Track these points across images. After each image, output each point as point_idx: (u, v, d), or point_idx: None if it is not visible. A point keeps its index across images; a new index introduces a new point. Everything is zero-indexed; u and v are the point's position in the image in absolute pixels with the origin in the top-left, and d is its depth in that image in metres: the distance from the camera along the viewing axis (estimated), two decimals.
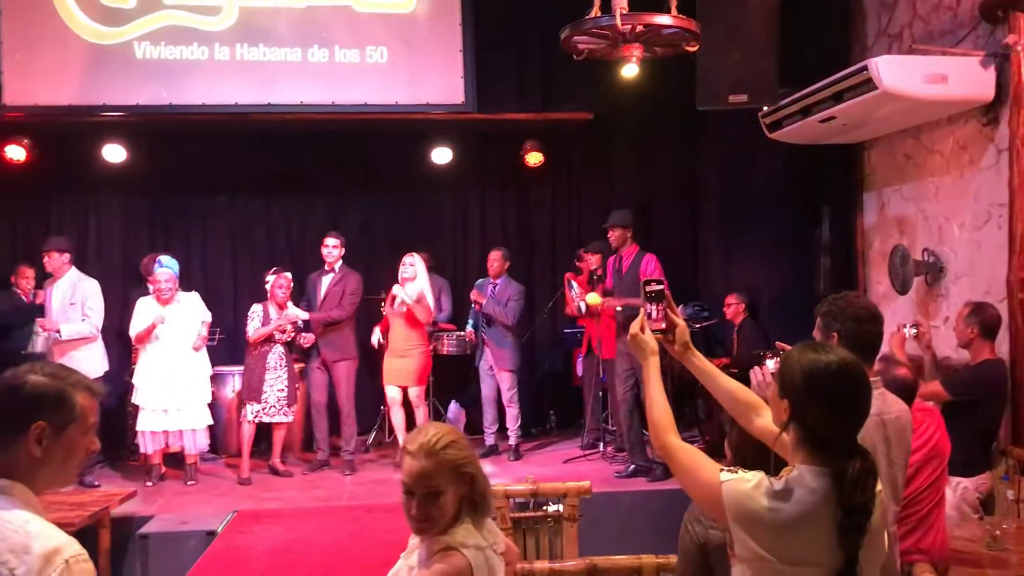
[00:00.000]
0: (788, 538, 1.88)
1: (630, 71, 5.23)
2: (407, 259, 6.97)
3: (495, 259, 7.28)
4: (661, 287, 2.29)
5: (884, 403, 2.72)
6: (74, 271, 6.73)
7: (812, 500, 1.87)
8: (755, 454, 2.22)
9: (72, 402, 1.84)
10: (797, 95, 5.63)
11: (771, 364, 3.58)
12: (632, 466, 6.45)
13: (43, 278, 7.10)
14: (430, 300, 7.00)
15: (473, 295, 7.25)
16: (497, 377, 7.18)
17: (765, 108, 6.00)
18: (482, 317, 7.20)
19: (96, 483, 6.28)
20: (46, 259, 6.67)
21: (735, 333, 7.29)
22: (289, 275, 7.00)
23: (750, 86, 5.84)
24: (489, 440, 7.28)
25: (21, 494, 1.78)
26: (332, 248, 7.00)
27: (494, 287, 7.23)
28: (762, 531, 1.89)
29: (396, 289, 6.93)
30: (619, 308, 6.46)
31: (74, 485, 5.10)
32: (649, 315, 2.28)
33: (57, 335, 6.45)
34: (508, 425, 7.24)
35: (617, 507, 5.80)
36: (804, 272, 7.02)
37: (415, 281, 6.91)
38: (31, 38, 6.92)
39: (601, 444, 7.08)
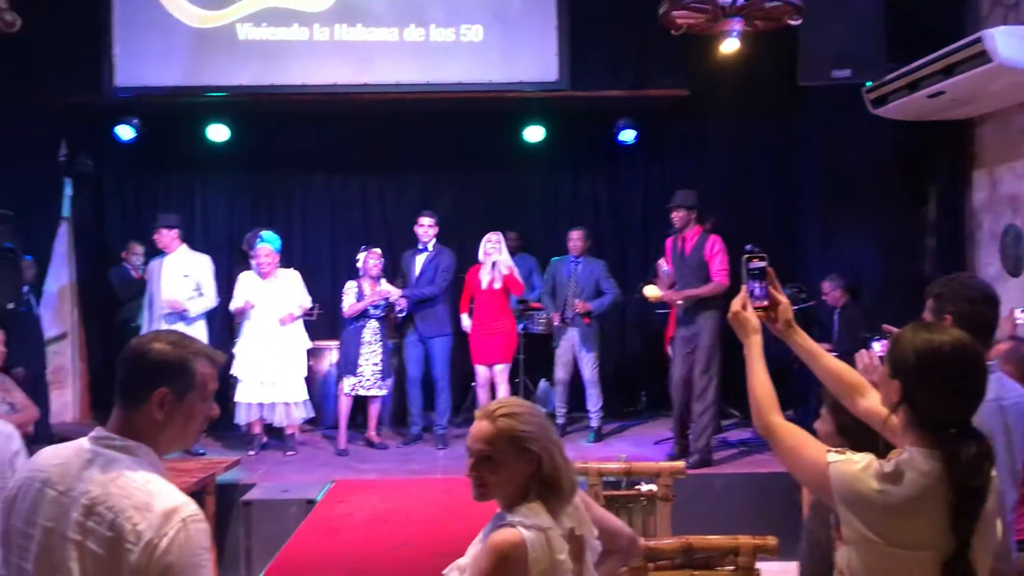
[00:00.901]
0: (898, 521, 1.84)
1: (729, 46, 5.14)
2: (493, 236, 7.01)
3: (577, 237, 7.24)
4: (764, 264, 2.24)
5: (1001, 388, 2.62)
6: (184, 247, 6.98)
7: (923, 483, 1.83)
8: (864, 437, 2.17)
9: (192, 370, 1.92)
10: (904, 69, 5.43)
11: (877, 347, 3.50)
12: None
13: (152, 255, 7.40)
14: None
15: (579, 308, 7.05)
16: (580, 358, 7.15)
17: (869, 83, 5.81)
18: (571, 297, 7.15)
19: (202, 451, 6.54)
20: (156, 236, 6.94)
21: (836, 316, 7.11)
22: (379, 251, 7.12)
23: (855, 60, 5.65)
24: (560, 420, 7.23)
25: (145, 455, 1.87)
26: (427, 227, 7.09)
27: (576, 265, 7.19)
28: (871, 513, 1.85)
29: (492, 257, 6.92)
30: (680, 301, 6.33)
31: (181, 453, 5.31)
32: (751, 292, 2.23)
33: (185, 312, 6.67)
34: (589, 407, 7.22)
35: (710, 489, 5.77)
36: (908, 254, 6.79)
37: (501, 257, 6.96)
38: (140, 24, 7.15)
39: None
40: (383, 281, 7.00)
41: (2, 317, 6.04)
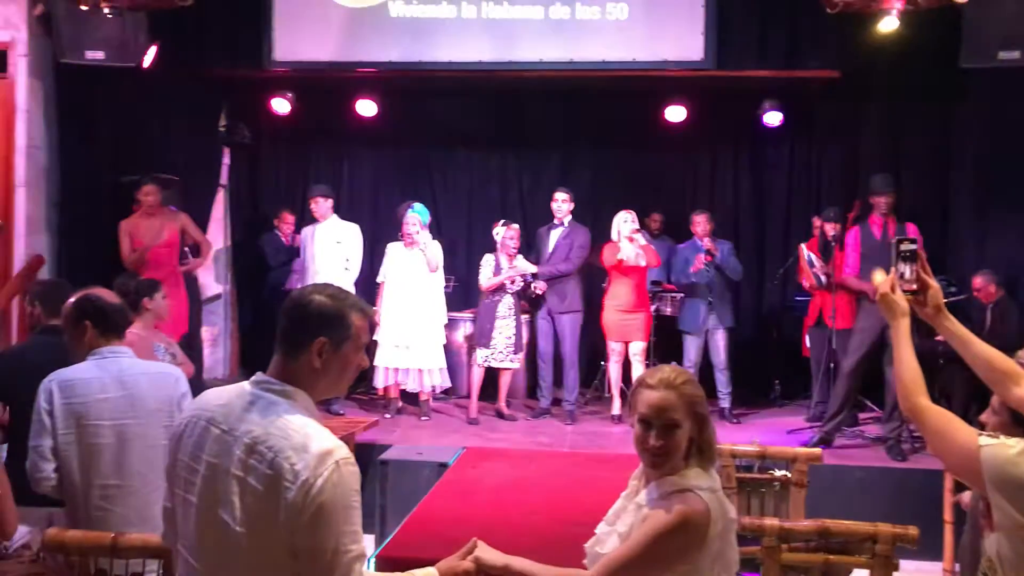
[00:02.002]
0: None
1: (888, 25, 4.94)
2: (629, 216, 6.99)
3: (703, 221, 7.14)
4: (915, 246, 2.22)
5: None
6: (335, 216, 7.28)
7: None
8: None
9: (349, 321, 2.01)
10: None
11: None
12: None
13: (303, 224, 7.74)
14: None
15: (707, 244, 7.07)
16: (715, 337, 7.07)
17: None
18: (711, 272, 7.06)
19: (341, 412, 6.84)
20: (313, 204, 7.26)
21: (989, 311, 6.77)
22: (517, 227, 7.22)
23: None
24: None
25: (303, 400, 1.98)
26: (561, 203, 7.14)
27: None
28: None
29: (629, 237, 6.92)
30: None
31: (323, 411, 5.57)
32: (901, 275, 2.21)
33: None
34: (719, 389, 7.15)
35: (845, 480, 5.63)
36: None
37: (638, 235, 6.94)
38: (297, 1, 7.44)
39: None
40: (520, 257, 7.10)
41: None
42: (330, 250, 7.08)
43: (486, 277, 7.03)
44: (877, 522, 2.76)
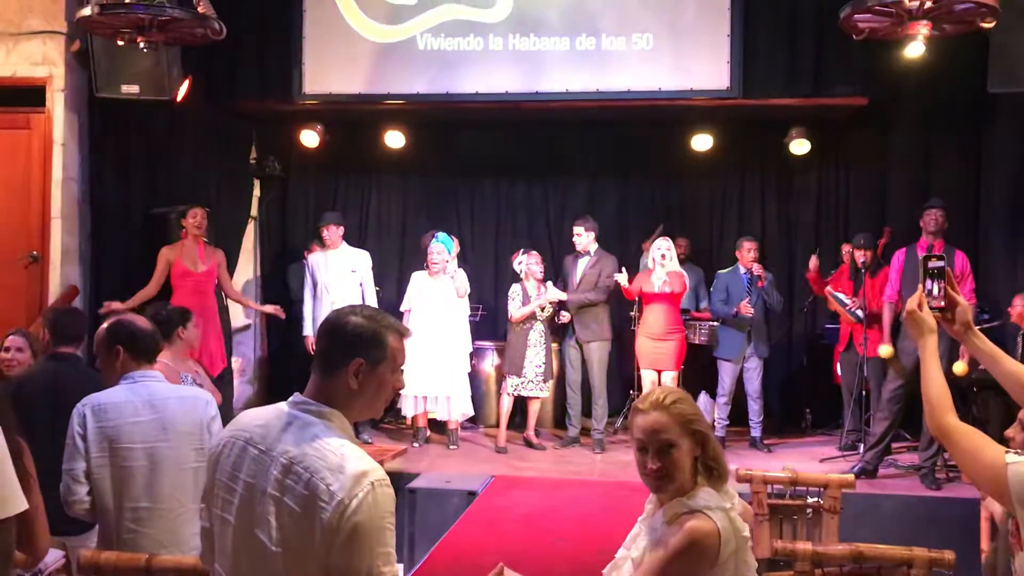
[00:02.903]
0: None
1: (914, 51, 4.92)
2: (664, 243, 6.99)
3: (752, 248, 7.13)
4: (943, 263, 2.22)
5: None
6: (344, 243, 7.37)
7: None
8: None
9: (385, 342, 2.01)
10: None
11: None
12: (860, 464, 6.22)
13: None
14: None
15: (757, 270, 7.06)
16: (750, 366, 7.05)
17: None
18: (752, 301, 7.03)
19: (369, 440, 6.85)
20: (326, 232, 7.31)
21: (1021, 336, 6.68)
22: (537, 254, 7.25)
23: None
24: (720, 432, 7.07)
25: (339, 421, 1.98)
26: (577, 236, 7.16)
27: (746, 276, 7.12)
28: None
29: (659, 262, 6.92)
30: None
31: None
32: (929, 292, 2.20)
33: None
34: (751, 418, 7.10)
35: (877, 509, 5.55)
36: None
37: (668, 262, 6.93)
38: (327, 36, 7.53)
39: (861, 445, 6.75)
40: (550, 284, 7.11)
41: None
42: (346, 278, 7.13)
43: (516, 307, 7.04)
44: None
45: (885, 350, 6.31)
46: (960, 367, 5.99)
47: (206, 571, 2.40)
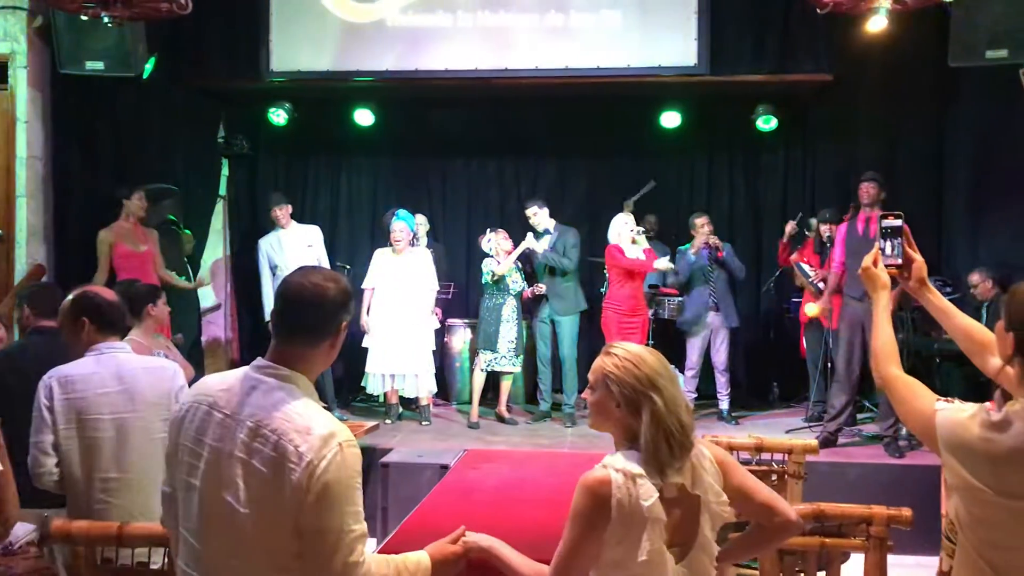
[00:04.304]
0: (1004, 470, 1.84)
1: (877, 25, 4.99)
2: (629, 218, 7.03)
3: (705, 222, 7.21)
4: (899, 222, 2.29)
5: None
6: (294, 222, 7.46)
7: None
8: None
9: (352, 299, 2.11)
10: None
11: None
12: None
13: None
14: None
15: (714, 242, 7.14)
16: (719, 337, 7.14)
17: None
18: (715, 271, 7.14)
19: (342, 418, 6.86)
20: (280, 212, 7.36)
21: (984, 309, 6.81)
22: (504, 232, 7.28)
23: (1012, 39, 5.40)
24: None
25: (304, 385, 2.02)
26: (533, 217, 7.20)
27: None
28: (974, 461, 1.87)
29: (632, 238, 6.97)
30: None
31: None
32: (882, 250, 2.28)
33: None
34: (719, 391, 7.21)
35: (842, 477, 5.66)
36: None
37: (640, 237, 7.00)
38: (295, 12, 7.45)
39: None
40: (530, 234, 7.14)
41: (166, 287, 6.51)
42: (303, 254, 7.15)
43: (496, 266, 7.04)
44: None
45: (811, 309, 6.49)
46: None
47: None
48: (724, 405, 7.19)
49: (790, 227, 7.41)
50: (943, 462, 1.93)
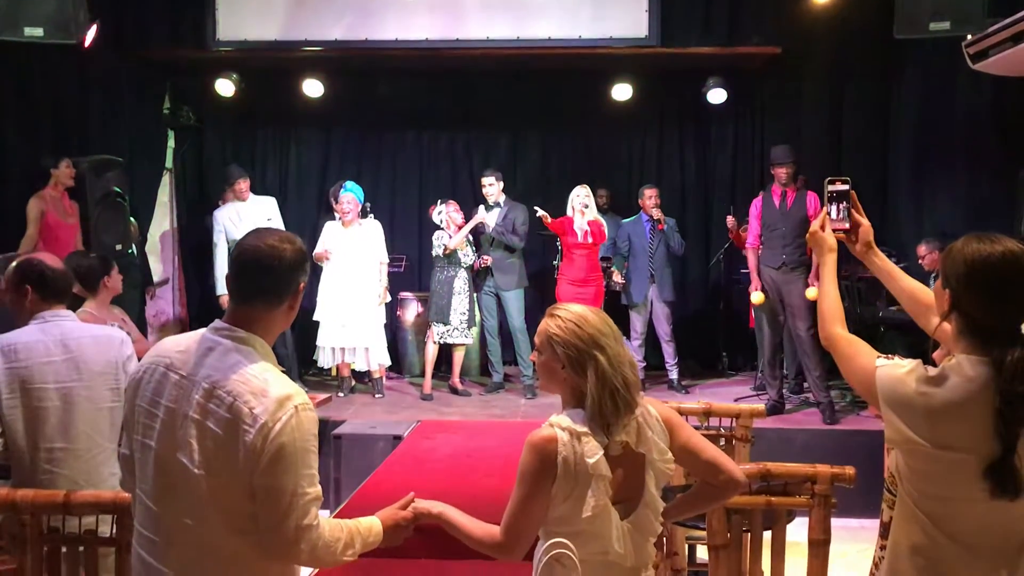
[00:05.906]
0: (939, 423, 1.89)
1: None
2: (583, 190, 7.06)
3: (653, 195, 7.27)
4: (846, 187, 2.34)
5: None
6: (252, 194, 7.37)
7: (967, 388, 1.87)
8: None
9: (308, 260, 2.11)
10: (1007, 20, 5.24)
11: None
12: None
13: None
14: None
15: (656, 214, 7.20)
16: (656, 309, 7.22)
17: (969, 37, 5.64)
18: (656, 245, 7.21)
19: None
20: (241, 185, 7.25)
21: (932, 279, 6.97)
22: (455, 204, 7.29)
23: (954, 12, 5.49)
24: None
25: (262, 348, 2.03)
26: (487, 187, 7.20)
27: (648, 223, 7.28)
28: (911, 415, 1.91)
29: (581, 211, 6.98)
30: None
31: None
32: (829, 214, 2.34)
33: None
34: (667, 360, 7.30)
35: (789, 443, 5.79)
36: (1004, 219, 6.60)
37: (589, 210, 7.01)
38: None
39: None
40: (481, 207, 7.13)
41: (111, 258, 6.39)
42: (263, 226, 7.04)
43: (447, 240, 7.03)
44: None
45: (756, 296, 6.61)
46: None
47: (125, 503, 2.41)
48: (673, 375, 7.29)
49: (731, 221, 7.45)
50: (883, 417, 1.98)
